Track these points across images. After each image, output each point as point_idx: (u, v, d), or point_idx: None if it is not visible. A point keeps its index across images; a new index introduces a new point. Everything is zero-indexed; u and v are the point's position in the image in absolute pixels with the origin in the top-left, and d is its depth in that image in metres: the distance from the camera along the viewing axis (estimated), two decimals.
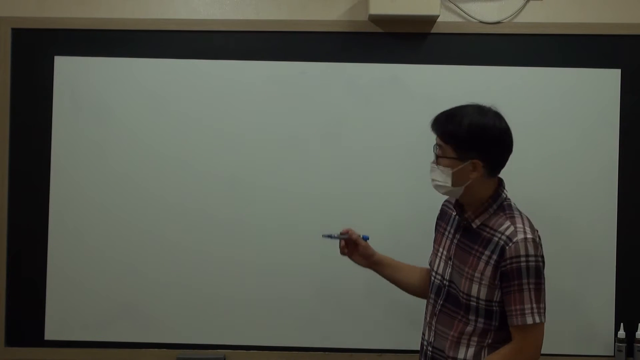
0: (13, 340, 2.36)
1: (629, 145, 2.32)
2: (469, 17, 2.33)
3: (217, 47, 2.33)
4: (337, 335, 2.35)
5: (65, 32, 2.33)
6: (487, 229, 1.74)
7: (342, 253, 1.94)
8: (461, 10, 2.33)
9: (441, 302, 1.81)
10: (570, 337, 2.33)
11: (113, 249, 2.34)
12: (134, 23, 2.33)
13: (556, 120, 2.31)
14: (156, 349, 2.35)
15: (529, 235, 1.68)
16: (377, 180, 2.34)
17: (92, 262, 2.34)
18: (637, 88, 2.32)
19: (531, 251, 1.67)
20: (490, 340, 1.75)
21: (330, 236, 1.92)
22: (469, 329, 1.76)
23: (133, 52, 2.33)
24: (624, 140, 2.32)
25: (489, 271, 1.71)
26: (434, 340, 1.82)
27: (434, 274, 1.86)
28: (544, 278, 1.70)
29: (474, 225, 1.76)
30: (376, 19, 2.30)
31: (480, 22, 2.33)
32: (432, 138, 2.30)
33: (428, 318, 1.86)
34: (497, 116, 1.73)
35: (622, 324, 2.30)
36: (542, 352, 2.29)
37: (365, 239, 1.93)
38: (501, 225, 1.72)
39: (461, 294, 1.76)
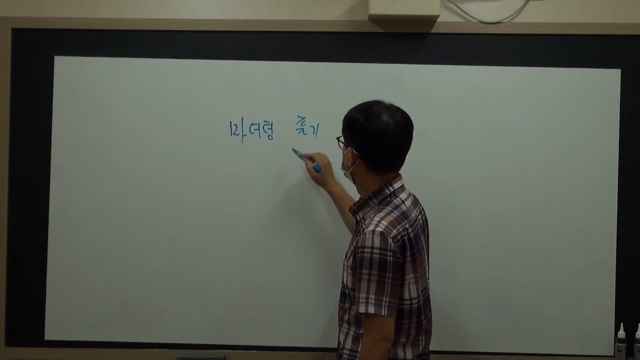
0: (13, 340, 2.36)
1: (629, 145, 2.32)
2: (469, 17, 2.33)
3: (217, 47, 2.32)
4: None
5: (65, 32, 2.33)
6: (363, 222, 1.82)
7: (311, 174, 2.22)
8: (461, 10, 2.33)
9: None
10: (570, 337, 2.33)
11: (113, 248, 2.34)
12: (134, 23, 2.33)
13: (556, 120, 2.31)
14: (156, 349, 2.35)
15: (379, 229, 1.71)
16: None
17: (92, 262, 2.34)
18: (637, 88, 2.32)
19: (377, 244, 1.70)
20: (363, 331, 1.80)
21: (296, 152, 2.26)
22: (345, 316, 1.85)
23: (133, 52, 2.32)
24: (624, 140, 2.31)
25: (351, 259, 1.79)
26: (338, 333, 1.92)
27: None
28: (392, 273, 1.71)
29: (357, 218, 1.86)
30: (376, 19, 2.30)
31: (480, 22, 2.33)
32: (431, 138, 2.31)
33: None
34: (391, 120, 1.77)
35: (622, 324, 2.30)
36: (543, 352, 2.33)
37: (317, 170, 2.20)
38: (369, 217, 1.79)
39: (342, 283, 1.87)
